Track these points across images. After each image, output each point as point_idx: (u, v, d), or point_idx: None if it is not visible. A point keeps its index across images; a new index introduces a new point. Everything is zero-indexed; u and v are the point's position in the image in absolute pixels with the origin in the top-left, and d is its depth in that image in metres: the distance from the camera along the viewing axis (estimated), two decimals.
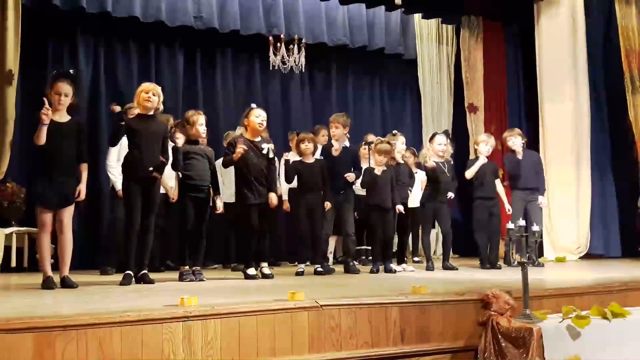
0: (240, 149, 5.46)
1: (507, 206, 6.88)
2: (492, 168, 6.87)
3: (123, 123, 5.20)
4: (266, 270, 5.58)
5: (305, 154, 6.09)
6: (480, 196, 6.73)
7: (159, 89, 5.35)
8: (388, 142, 6.34)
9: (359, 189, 7.16)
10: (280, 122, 8.82)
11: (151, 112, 5.29)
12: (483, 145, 6.82)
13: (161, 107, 5.40)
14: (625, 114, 7.96)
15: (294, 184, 6.31)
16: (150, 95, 5.23)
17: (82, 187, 4.85)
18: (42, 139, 4.66)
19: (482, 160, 6.71)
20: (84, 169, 4.90)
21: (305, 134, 6.25)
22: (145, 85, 5.33)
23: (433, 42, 9.88)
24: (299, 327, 3.24)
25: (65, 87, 4.81)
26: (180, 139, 5.67)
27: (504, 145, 7.33)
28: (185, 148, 5.50)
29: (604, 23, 8.55)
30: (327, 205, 6.06)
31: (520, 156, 6.99)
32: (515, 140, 7.07)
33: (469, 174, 6.74)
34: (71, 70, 5.06)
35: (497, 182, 6.88)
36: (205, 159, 5.59)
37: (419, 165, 7.18)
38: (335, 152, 6.23)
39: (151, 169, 5.17)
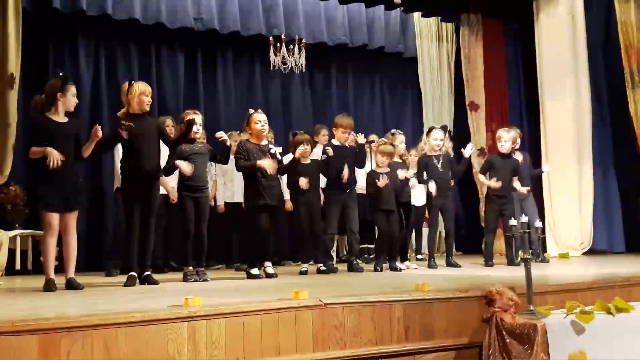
0: (265, 163, 5.54)
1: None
2: (511, 165, 6.70)
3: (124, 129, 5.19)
4: (270, 270, 5.59)
5: (304, 156, 6.12)
6: (493, 193, 6.65)
7: (149, 88, 5.36)
8: (391, 144, 6.34)
9: (360, 188, 7.18)
10: (281, 122, 8.83)
11: (146, 110, 5.31)
12: (498, 142, 6.73)
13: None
14: (626, 109, 7.95)
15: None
16: (150, 99, 5.27)
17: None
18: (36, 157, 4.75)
19: (494, 183, 6.60)
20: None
21: (301, 136, 6.25)
22: (144, 87, 5.30)
23: (433, 40, 9.89)
24: (303, 326, 3.24)
25: (75, 89, 4.95)
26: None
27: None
28: (183, 148, 5.50)
29: (604, 19, 8.54)
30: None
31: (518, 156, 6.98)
32: (517, 141, 7.06)
33: (479, 179, 6.74)
34: (64, 73, 5.14)
35: (515, 180, 6.67)
36: (205, 156, 5.62)
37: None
38: (327, 151, 6.18)
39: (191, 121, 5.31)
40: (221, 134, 5.63)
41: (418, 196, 7.42)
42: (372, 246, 7.82)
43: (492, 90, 9.20)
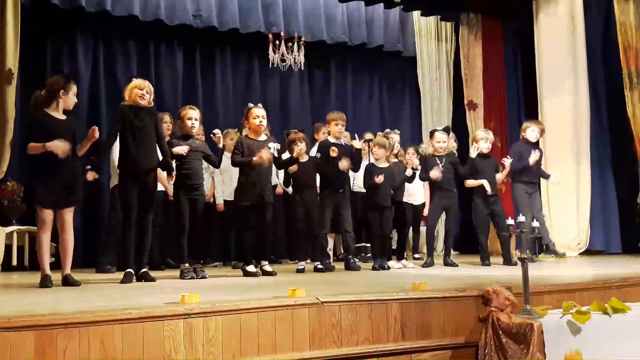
0: (260, 157, 5.51)
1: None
2: (493, 164, 6.79)
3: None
4: (267, 268, 5.59)
5: (300, 154, 6.12)
6: (479, 193, 6.68)
7: (151, 87, 5.35)
8: (385, 136, 6.33)
9: (358, 187, 7.18)
10: (279, 120, 8.83)
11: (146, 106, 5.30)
12: (483, 142, 6.77)
13: (152, 104, 5.37)
14: (624, 110, 7.96)
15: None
16: (144, 93, 5.23)
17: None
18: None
19: (486, 184, 6.59)
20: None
21: (295, 134, 6.24)
22: (140, 82, 5.30)
23: (432, 39, 9.89)
24: (300, 324, 3.24)
25: (75, 88, 4.97)
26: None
27: (522, 134, 7.26)
28: (179, 144, 5.49)
29: (603, 19, 8.55)
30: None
31: (532, 150, 6.99)
32: (538, 134, 7.08)
33: (469, 184, 6.73)
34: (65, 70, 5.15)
35: (498, 176, 6.81)
36: (201, 154, 5.60)
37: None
38: (332, 152, 6.16)
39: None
40: (217, 133, 5.63)
41: (417, 195, 7.41)
42: (369, 245, 7.83)
43: (491, 90, 9.20)
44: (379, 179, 6.06)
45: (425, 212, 7.52)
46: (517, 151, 7.05)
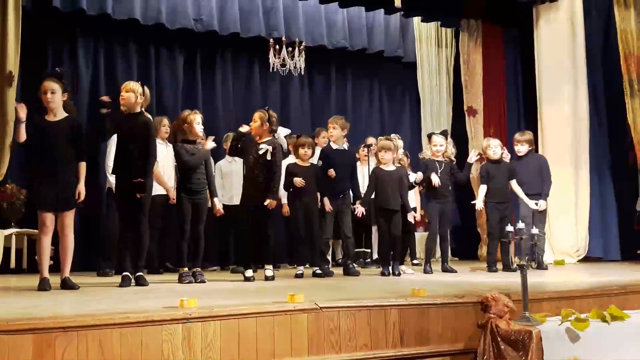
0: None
1: (531, 203, 6.67)
2: (506, 169, 6.72)
3: (104, 111, 5.24)
4: (269, 272, 5.58)
5: (303, 159, 6.14)
6: (491, 200, 6.62)
7: (131, 85, 5.27)
8: (387, 139, 6.30)
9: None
10: (280, 124, 8.80)
11: (136, 110, 5.24)
12: (491, 150, 6.71)
13: (140, 100, 5.26)
14: (624, 117, 7.97)
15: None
16: (122, 94, 5.23)
17: (81, 188, 4.84)
18: (22, 136, 4.74)
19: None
20: (82, 168, 4.89)
21: (304, 138, 6.26)
22: (124, 86, 5.31)
23: (432, 45, 9.90)
24: (299, 329, 3.24)
25: (51, 85, 4.84)
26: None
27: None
28: (185, 148, 5.50)
29: (603, 26, 8.56)
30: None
31: (524, 161, 6.97)
32: (522, 147, 7.03)
33: (479, 204, 6.68)
34: (57, 69, 5.11)
35: (513, 183, 6.72)
36: (203, 159, 5.60)
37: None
38: (330, 173, 6.16)
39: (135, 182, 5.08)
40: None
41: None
42: (369, 250, 7.83)
43: (491, 96, 9.19)
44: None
45: (418, 217, 7.48)
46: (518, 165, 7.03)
